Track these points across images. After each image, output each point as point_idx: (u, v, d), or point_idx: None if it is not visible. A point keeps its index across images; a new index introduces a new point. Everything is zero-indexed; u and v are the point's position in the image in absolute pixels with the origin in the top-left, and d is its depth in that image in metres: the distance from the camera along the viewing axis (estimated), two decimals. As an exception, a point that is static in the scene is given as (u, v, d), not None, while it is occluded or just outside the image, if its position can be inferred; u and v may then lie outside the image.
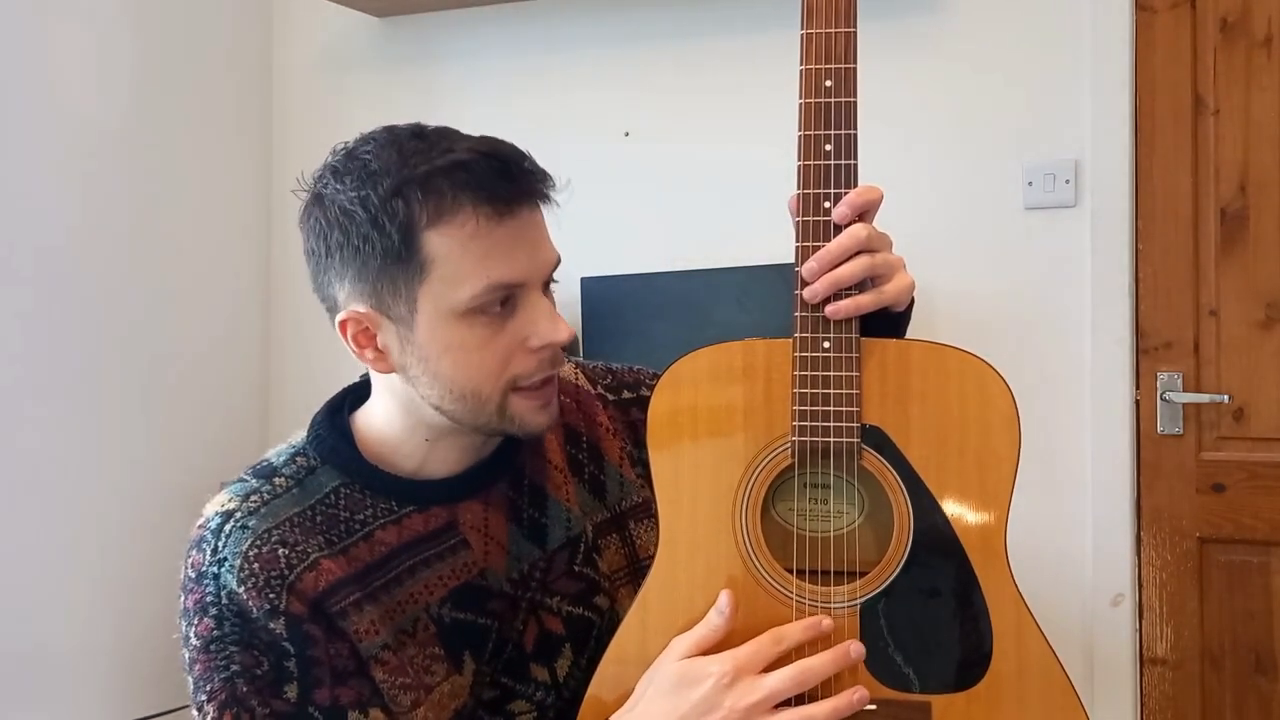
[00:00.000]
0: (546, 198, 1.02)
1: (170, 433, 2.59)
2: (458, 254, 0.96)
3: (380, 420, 1.07)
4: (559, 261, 1.04)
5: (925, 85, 2.38)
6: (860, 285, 0.99)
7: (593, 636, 1.12)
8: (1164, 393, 2.24)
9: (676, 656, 0.97)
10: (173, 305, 2.63)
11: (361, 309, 1.00)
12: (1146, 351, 2.26)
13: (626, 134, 2.61)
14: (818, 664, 0.95)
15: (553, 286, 1.06)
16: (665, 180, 2.57)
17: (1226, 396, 2.20)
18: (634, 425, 1.21)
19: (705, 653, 0.97)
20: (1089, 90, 2.28)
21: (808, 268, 0.99)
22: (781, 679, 0.94)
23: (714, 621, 0.98)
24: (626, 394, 1.23)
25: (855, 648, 0.97)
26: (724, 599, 0.98)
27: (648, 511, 1.17)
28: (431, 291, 0.97)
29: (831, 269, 0.98)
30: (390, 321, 1.00)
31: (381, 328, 1.01)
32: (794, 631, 0.97)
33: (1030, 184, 2.31)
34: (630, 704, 0.99)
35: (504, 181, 0.97)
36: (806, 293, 0.99)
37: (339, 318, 1.02)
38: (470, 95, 2.71)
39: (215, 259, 2.76)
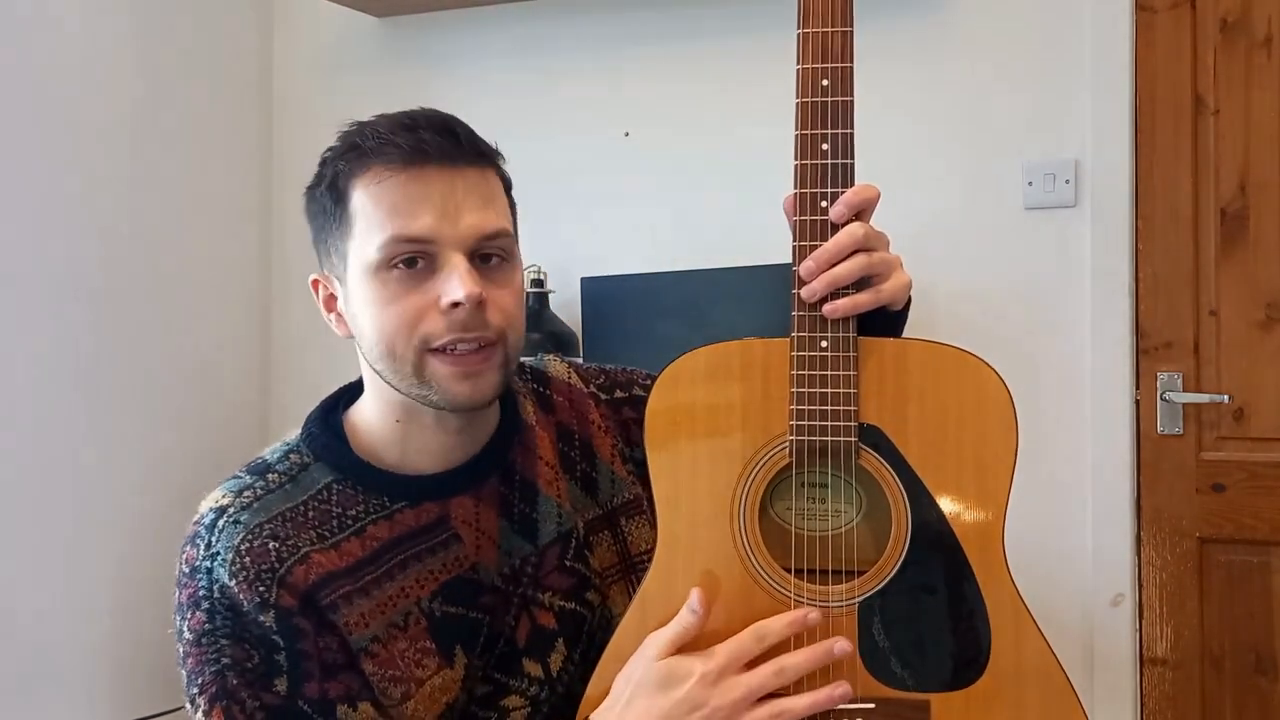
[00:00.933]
0: (472, 160, 1.02)
1: (170, 433, 2.59)
2: (370, 207, 1.00)
3: (365, 414, 1.09)
4: (497, 232, 1.02)
5: (925, 85, 2.38)
6: (858, 284, 0.99)
7: (585, 631, 1.12)
8: (1164, 393, 2.24)
9: (654, 655, 0.97)
10: (172, 305, 2.63)
11: (325, 271, 1.07)
12: (1146, 351, 2.25)
13: (626, 134, 2.61)
14: (798, 660, 0.96)
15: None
16: (665, 180, 2.57)
17: (1226, 396, 2.20)
18: (625, 424, 1.21)
19: (682, 649, 0.97)
20: (1089, 90, 2.28)
21: (805, 267, 0.99)
22: (761, 675, 0.95)
23: (686, 619, 0.98)
24: (619, 393, 1.23)
25: (840, 645, 0.97)
26: (695, 597, 0.98)
27: (639, 508, 1.18)
28: (354, 246, 1.02)
29: (829, 268, 0.98)
30: (338, 282, 1.05)
31: (336, 291, 1.06)
32: (777, 626, 0.97)
33: (1030, 184, 2.31)
34: (610, 702, 0.99)
35: (406, 134, 1.00)
36: (804, 291, 0.99)
37: (310, 277, 1.09)
38: (470, 95, 2.71)
39: (215, 258, 2.76)
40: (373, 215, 1.00)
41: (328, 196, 1.03)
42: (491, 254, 1.03)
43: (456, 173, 1.01)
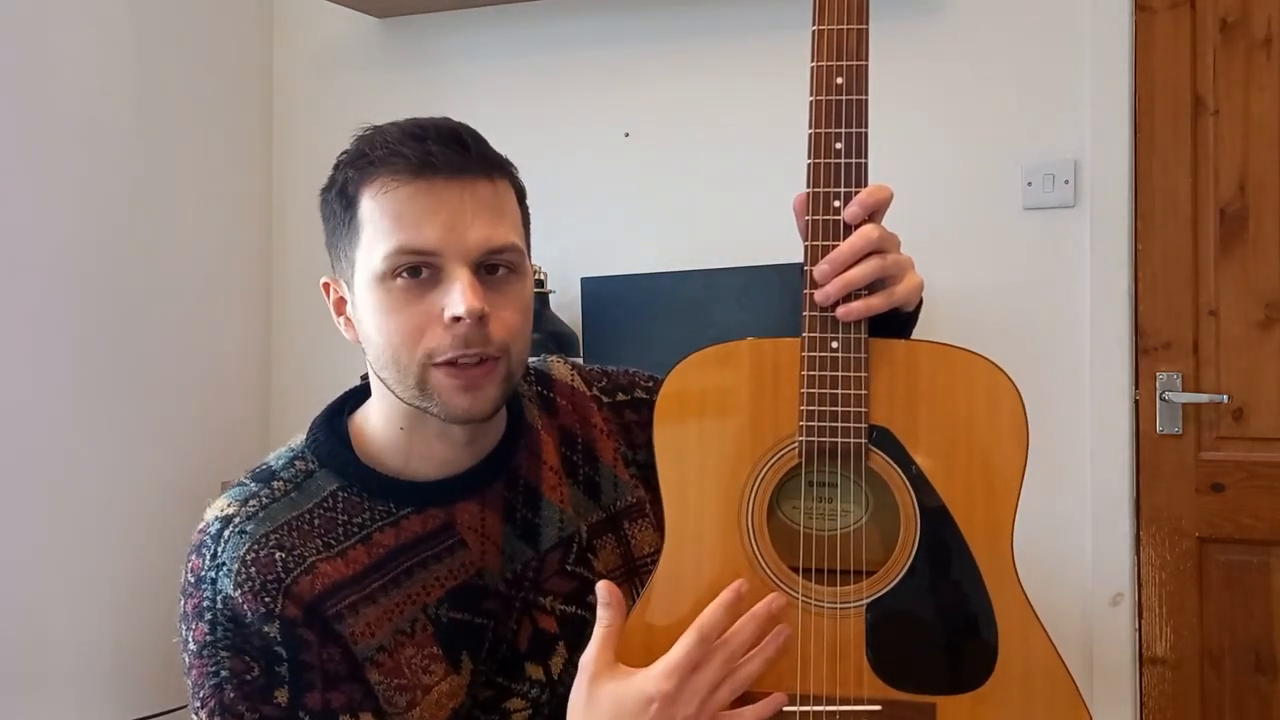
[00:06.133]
0: (482, 172, 1.01)
1: (172, 433, 2.59)
2: (377, 216, 1.00)
3: (371, 419, 1.08)
4: (504, 246, 1.01)
5: (925, 85, 2.38)
6: (871, 286, 0.99)
7: (587, 635, 1.12)
8: (1163, 393, 2.24)
9: (588, 679, 0.96)
10: (173, 305, 2.62)
11: (336, 275, 1.07)
12: (1146, 351, 2.26)
13: (626, 134, 2.61)
14: (743, 635, 0.96)
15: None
16: (665, 180, 2.57)
17: (1226, 396, 2.20)
18: (628, 427, 1.21)
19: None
20: (1089, 90, 2.28)
21: (819, 270, 0.98)
22: (713, 669, 0.94)
23: (605, 618, 0.97)
24: (621, 396, 1.22)
25: (775, 601, 0.97)
26: (603, 590, 0.98)
27: (642, 511, 1.18)
28: (361, 254, 1.01)
29: (843, 270, 0.98)
30: (347, 286, 1.05)
31: (346, 295, 1.06)
32: (715, 619, 0.95)
33: (1030, 184, 2.31)
34: None
35: (414, 144, 0.99)
36: (819, 295, 0.98)
37: (322, 279, 1.09)
38: (470, 96, 2.71)
39: (216, 259, 2.76)
40: (379, 224, 0.99)
41: (338, 202, 1.03)
42: (498, 265, 1.01)
43: (466, 185, 1.00)
